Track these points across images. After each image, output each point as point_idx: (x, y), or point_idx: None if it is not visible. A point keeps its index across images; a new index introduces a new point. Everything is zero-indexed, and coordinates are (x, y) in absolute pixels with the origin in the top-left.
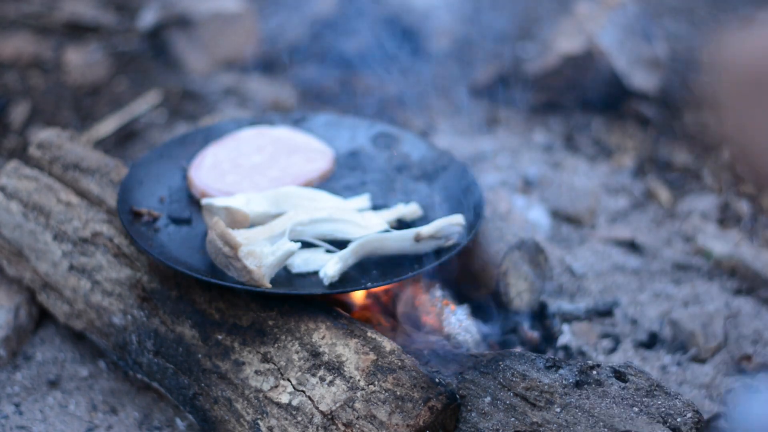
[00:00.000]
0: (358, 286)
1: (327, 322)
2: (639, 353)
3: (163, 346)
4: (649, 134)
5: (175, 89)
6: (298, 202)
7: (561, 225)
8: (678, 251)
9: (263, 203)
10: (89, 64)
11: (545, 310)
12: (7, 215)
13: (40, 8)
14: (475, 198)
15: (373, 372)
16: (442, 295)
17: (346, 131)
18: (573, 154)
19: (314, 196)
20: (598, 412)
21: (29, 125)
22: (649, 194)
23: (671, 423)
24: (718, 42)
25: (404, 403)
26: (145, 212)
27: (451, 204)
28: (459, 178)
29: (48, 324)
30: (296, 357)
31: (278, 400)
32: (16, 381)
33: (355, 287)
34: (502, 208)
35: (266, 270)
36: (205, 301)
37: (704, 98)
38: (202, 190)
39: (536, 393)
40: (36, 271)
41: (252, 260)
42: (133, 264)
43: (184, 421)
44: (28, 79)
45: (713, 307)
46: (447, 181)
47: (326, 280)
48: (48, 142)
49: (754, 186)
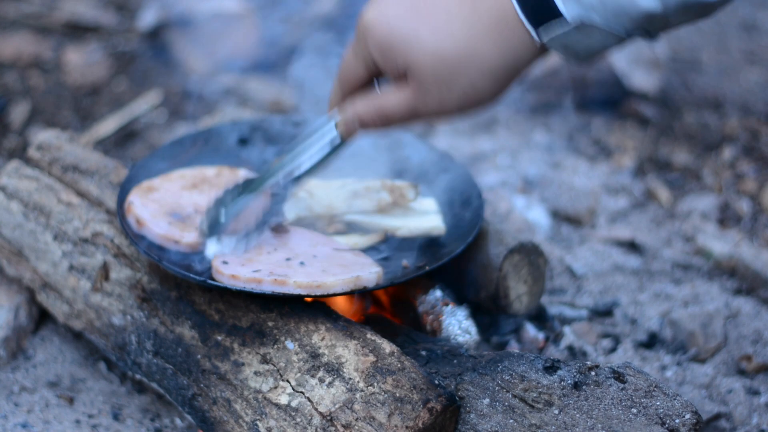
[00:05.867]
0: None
1: (327, 323)
2: (639, 353)
3: (162, 347)
4: (649, 134)
5: (175, 89)
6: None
7: (561, 225)
8: (678, 251)
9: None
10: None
11: (545, 314)
12: (7, 215)
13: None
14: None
15: (372, 373)
16: (442, 296)
17: None
18: (573, 154)
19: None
20: (596, 414)
21: (29, 125)
22: (649, 194)
23: (670, 424)
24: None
25: (403, 405)
26: None
27: (451, 205)
28: (459, 180)
29: (48, 324)
30: (295, 358)
31: (277, 401)
32: (16, 381)
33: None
34: (502, 209)
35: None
36: (204, 302)
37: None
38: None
39: (535, 394)
40: (36, 271)
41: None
42: (133, 264)
43: (184, 422)
44: (28, 79)
45: (713, 307)
46: (447, 183)
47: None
48: (47, 144)
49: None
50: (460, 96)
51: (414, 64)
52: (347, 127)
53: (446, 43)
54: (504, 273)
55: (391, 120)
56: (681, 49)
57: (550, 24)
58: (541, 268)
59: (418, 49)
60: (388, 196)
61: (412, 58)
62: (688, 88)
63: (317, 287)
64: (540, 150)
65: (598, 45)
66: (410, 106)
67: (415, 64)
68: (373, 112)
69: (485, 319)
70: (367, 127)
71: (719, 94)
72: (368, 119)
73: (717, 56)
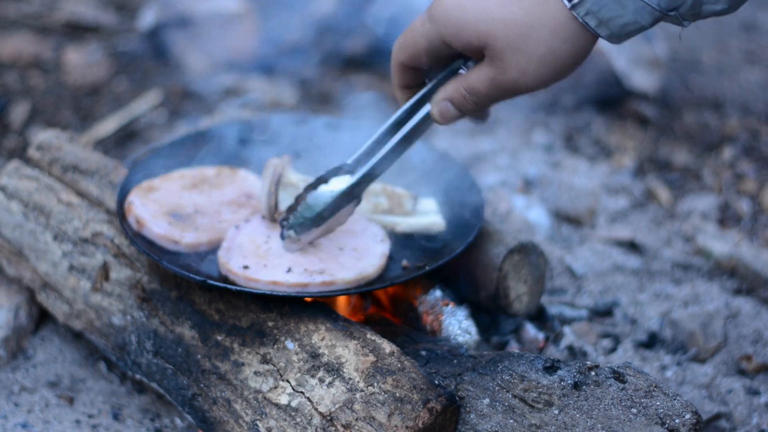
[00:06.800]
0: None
1: (327, 323)
2: (639, 353)
3: (162, 347)
4: (649, 134)
5: (175, 89)
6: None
7: (561, 225)
8: (678, 251)
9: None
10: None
11: (545, 314)
12: (7, 215)
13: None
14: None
15: (372, 373)
16: (442, 296)
17: (346, 133)
18: (573, 154)
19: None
20: (596, 414)
21: (29, 125)
22: (649, 194)
23: (669, 424)
24: None
25: (403, 405)
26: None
27: (451, 205)
28: (459, 180)
29: (48, 324)
30: (295, 358)
31: (277, 401)
32: (16, 381)
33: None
34: (502, 209)
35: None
36: (204, 302)
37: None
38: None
39: (534, 394)
40: (36, 271)
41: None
42: (133, 264)
43: (184, 422)
44: (28, 79)
45: (713, 307)
46: (447, 183)
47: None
48: (47, 144)
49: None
50: (539, 61)
51: (487, 36)
52: (440, 109)
53: (514, 10)
54: (504, 273)
55: (478, 95)
56: (681, 49)
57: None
58: (541, 268)
59: (490, 20)
60: (386, 202)
61: (484, 31)
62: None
63: (363, 278)
64: (540, 150)
65: (630, 19)
66: (492, 78)
67: (488, 36)
68: (461, 91)
69: (485, 319)
70: (460, 107)
71: (719, 94)
72: (458, 99)
73: (717, 56)
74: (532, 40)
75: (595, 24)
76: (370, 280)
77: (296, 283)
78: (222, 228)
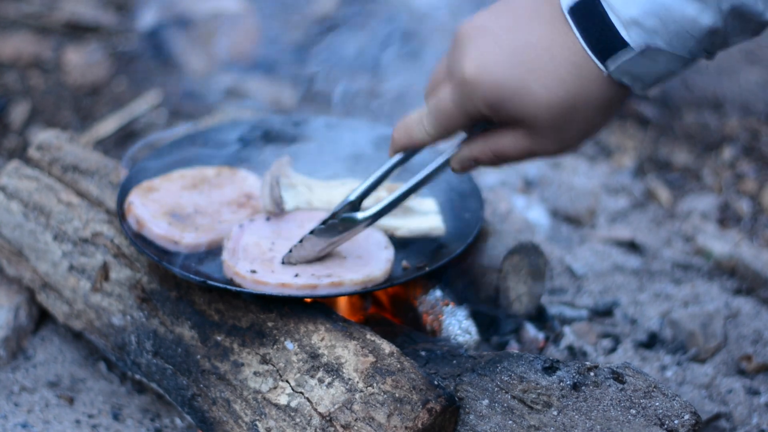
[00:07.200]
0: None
1: (326, 324)
2: (639, 353)
3: (162, 347)
4: (649, 134)
5: (175, 89)
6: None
7: (561, 225)
8: (678, 251)
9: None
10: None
11: (545, 314)
12: (7, 215)
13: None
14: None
15: (371, 374)
16: (442, 296)
17: (346, 133)
18: (573, 154)
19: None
20: (595, 415)
21: (29, 125)
22: (649, 194)
23: (668, 425)
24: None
25: (403, 406)
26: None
27: (451, 205)
28: (459, 180)
29: (48, 324)
30: (295, 359)
31: (277, 401)
32: (16, 381)
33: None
34: (502, 209)
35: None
36: (204, 302)
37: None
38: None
39: (533, 395)
40: (36, 271)
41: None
42: (133, 264)
43: (184, 422)
44: (28, 79)
45: (713, 307)
46: (447, 183)
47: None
48: (47, 144)
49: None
50: (578, 134)
51: (528, 116)
52: (462, 164)
53: (556, 90)
54: (504, 273)
55: (507, 158)
56: None
57: (617, 55)
58: (541, 269)
59: (531, 101)
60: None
61: (525, 112)
62: (688, 88)
63: (370, 281)
64: None
65: (663, 69)
66: (527, 148)
67: (529, 116)
68: (489, 153)
69: (485, 319)
70: (482, 164)
71: (719, 94)
72: (484, 158)
73: (717, 56)
74: (576, 121)
75: (630, 80)
76: (376, 283)
77: (305, 284)
78: (222, 228)
